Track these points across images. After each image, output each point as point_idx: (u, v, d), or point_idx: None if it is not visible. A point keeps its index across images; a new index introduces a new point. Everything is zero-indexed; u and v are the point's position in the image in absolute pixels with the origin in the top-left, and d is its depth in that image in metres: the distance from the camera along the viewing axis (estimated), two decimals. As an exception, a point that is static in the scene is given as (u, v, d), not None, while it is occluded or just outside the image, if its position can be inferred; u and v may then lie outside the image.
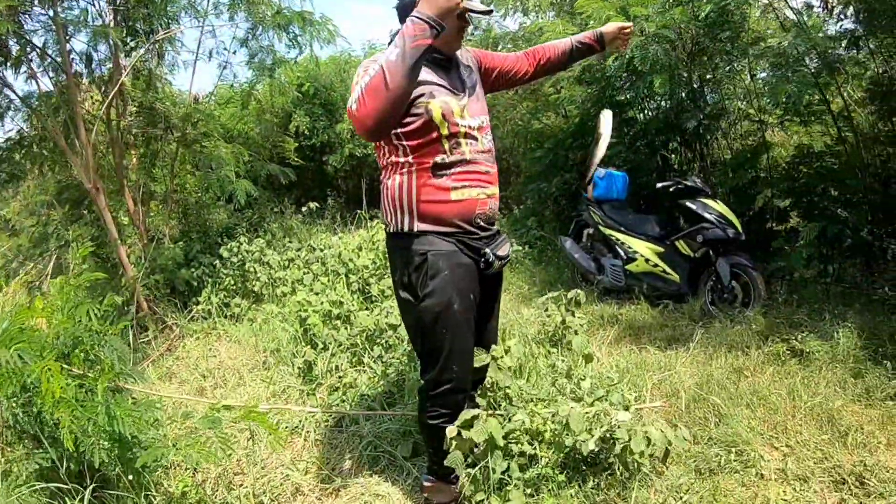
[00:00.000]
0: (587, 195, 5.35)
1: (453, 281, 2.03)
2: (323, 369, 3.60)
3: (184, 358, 4.47)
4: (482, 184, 2.09)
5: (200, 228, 5.99)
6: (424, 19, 1.70)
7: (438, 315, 2.03)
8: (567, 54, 2.38)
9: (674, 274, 4.73)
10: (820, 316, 3.99)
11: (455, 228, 2.06)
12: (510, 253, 2.25)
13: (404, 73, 1.71)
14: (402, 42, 1.71)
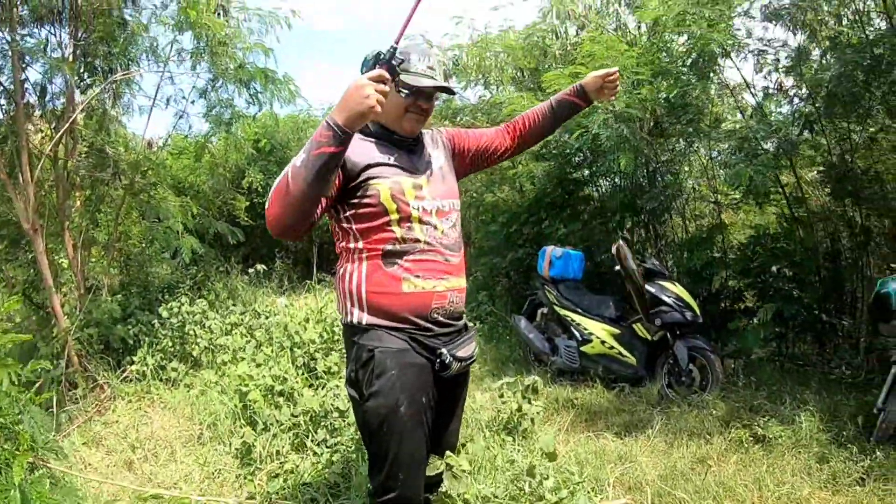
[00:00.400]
0: (542, 273, 5.32)
1: (402, 382, 1.84)
2: (262, 453, 3.34)
3: (113, 423, 4.15)
4: (439, 274, 1.91)
5: (141, 282, 5.67)
6: (332, 125, 1.57)
7: (384, 418, 1.83)
8: (548, 116, 2.24)
9: (630, 357, 4.69)
10: (779, 398, 4.04)
11: (406, 324, 1.88)
12: (475, 353, 2.08)
13: (305, 180, 1.59)
14: (308, 147, 1.60)
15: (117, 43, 4.69)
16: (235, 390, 3.91)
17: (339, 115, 1.57)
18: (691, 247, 5.33)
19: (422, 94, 1.92)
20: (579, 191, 6.38)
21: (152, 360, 4.91)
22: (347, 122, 1.56)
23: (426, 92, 1.92)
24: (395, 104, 1.87)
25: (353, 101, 1.55)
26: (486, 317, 6.99)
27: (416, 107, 1.92)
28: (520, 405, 3.63)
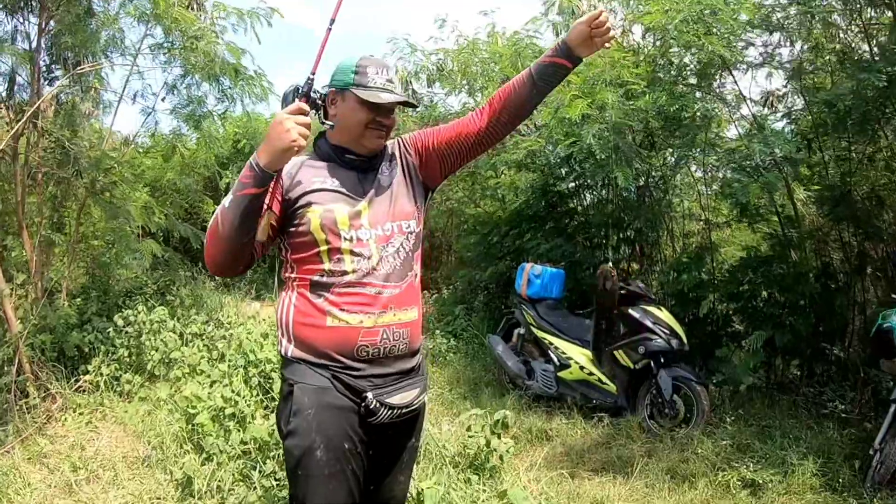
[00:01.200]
0: (520, 292, 5.07)
1: (318, 423, 1.66)
2: (204, 485, 3.08)
3: (61, 437, 3.92)
4: (369, 308, 1.70)
5: (101, 287, 5.38)
6: (254, 164, 1.53)
7: (299, 460, 1.66)
8: (526, 85, 1.79)
9: (610, 384, 4.45)
10: (769, 435, 3.81)
11: (330, 361, 1.69)
12: (417, 401, 1.83)
13: (232, 223, 1.56)
14: (234, 188, 1.57)
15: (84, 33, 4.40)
16: (183, 412, 3.66)
17: (262, 154, 1.53)
18: (680, 268, 5.08)
19: (381, 109, 1.75)
20: (563, 204, 6.15)
21: (107, 370, 4.63)
22: (270, 160, 1.53)
23: (385, 107, 1.76)
24: (354, 122, 1.74)
25: (274, 139, 1.52)
26: (463, 332, 6.76)
27: (377, 122, 1.76)
28: (488, 440, 3.38)
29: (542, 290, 4.99)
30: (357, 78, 1.73)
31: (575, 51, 1.75)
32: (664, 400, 4.15)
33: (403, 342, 1.76)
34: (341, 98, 1.77)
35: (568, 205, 6.17)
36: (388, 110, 1.78)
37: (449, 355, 6.17)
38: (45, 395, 4.34)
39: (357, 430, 1.72)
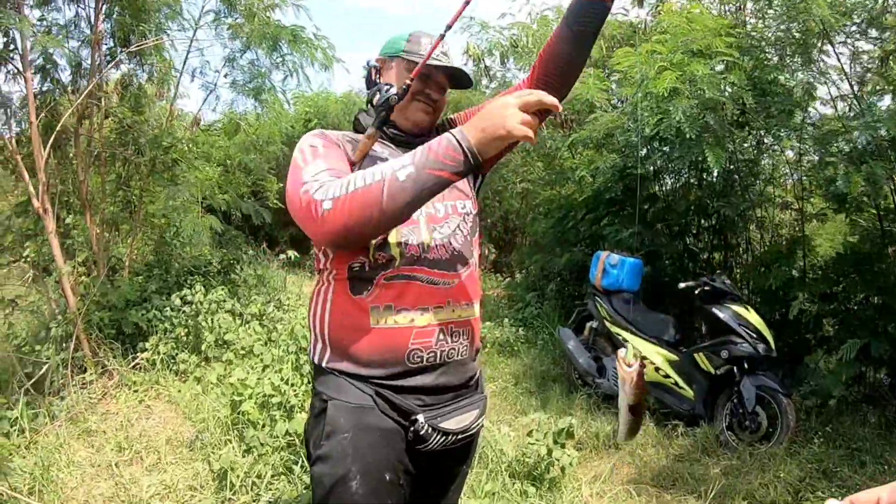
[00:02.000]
0: (594, 282, 4.68)
1: (356, 449, 1.37)
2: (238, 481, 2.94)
3: (112, 414, 3.90)
4: (422, 303, 1.42)
5: (163, 265, 5.36)
6: (463, 146, 1.22)
7: (330, 490, 1.36)
8: (564, 34, 1.46)
9: (688, 389, 4.02)
10: (859, 461, 3.34)
11: (374, 372, 1.40)
12: (476, 425, 1.54)
13: (407, 201, 1.22)
14: (421, 160, 1.23)
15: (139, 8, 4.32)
16: (229, 399, 3.53)
17: (475, 138, 1.22)
18: (768, 262, 4.53)
19: (432, 79, 1.53)
20: (643, 188, 5.65)
21: (164, 348, 4.63)
22: (485, 147, 1.23)
23: (435, 79, 1.54)
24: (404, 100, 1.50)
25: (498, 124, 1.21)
26: (533, 321, 6.42)
27: (425, 95, 1.53)
28: (550, 450, 3.07)
29: (617, 281, 4.55)
30: (409, 46, 1.55)
31: None
32: (746, 411, 3.68)
33: (463, 344, 1.49)
34: (389, 66, 1.57)
35: (649, 189, 5.68)
36: (439, 86, 1.56)
37: (517, 345, 5.87)
38: (102, 372, 4.36)
39: (402, 457, 1.43)
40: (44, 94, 4.40)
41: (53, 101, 4.41)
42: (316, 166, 1.34)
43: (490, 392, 4.78)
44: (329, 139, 1.46)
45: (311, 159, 1.37)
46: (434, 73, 1.53)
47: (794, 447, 3.50)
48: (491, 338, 5.94)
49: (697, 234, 5.48)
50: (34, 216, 4.40)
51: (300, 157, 1.39)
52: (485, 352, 5.78)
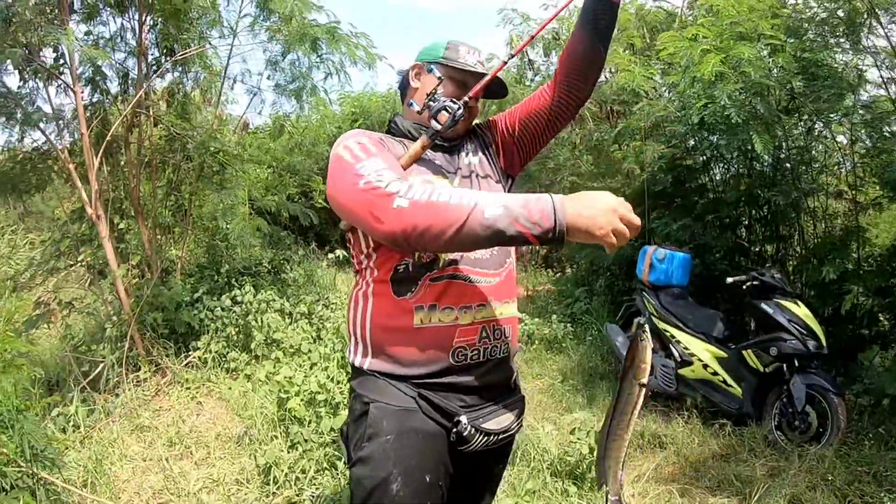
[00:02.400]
0: (641, 277, 4.59)
1: (398, 452, 1.39)
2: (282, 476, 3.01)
3: (165, 410, 4.08)
4: (464, 301, 1.44)
5: (214, 266, 5.52)
6: (558, 218, 1.18)
7: (370, 493, 1.38)
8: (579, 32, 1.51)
9: (736, 387, 3.90)
10: None
11: (418, 373, 1.42)
12: (516, 425, 1.56)
13: (481, 237, 1.21)
14: (514, 208, 1.20)
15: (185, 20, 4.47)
16: (275, 396, 3.64)
17: (573, 224, 1.19)
18: (822, 254, 4.34)
19: (469, 85, 1.57)
20: (692, 179, 5.52)
21: (216, 347, 4.78)
22: (573, 235, 1.20)
23: (473, 85, 1.56)
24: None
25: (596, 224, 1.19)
26: (582, 316, 6.35)
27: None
28: (592, 449, 3.04)
29: (665, 276, 4.47)
30: (447, 53, 1.60)
31: None
32: (795, 410, 3.55)
33: (504, 342, 1.51)
34: (425, 71, 1.61)
35: (698, 180, 5.54)
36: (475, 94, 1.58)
37: (566, 342, 5.83)
38: (155, 370, 4.53)
39: (444, 459, 1.46)
40: (94, 104, 4.58)
41: (103, 112, 4.58)
42: (375, 163, 1.34)
43: (537, 389, 4.76)
44: (374, 139, 1.48)
45: (365, 156, 1.37)
46: (470, 81, 1.56)
47: (844, 448, 3.36)
48: (539, 334, 5.91)
49: (749, 226, 5.31)
50: (89, 222, 4.59)
51: (348, 154, 1.39)
52: (532, 348, 5.76)
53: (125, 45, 4.71)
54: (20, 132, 4.43)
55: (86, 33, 4.56)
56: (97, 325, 4.65)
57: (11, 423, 2.27)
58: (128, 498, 3.00)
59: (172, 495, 3.02)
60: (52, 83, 4.40)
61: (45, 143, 4.57)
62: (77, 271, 5.10)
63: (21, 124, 4.37)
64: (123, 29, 4.67)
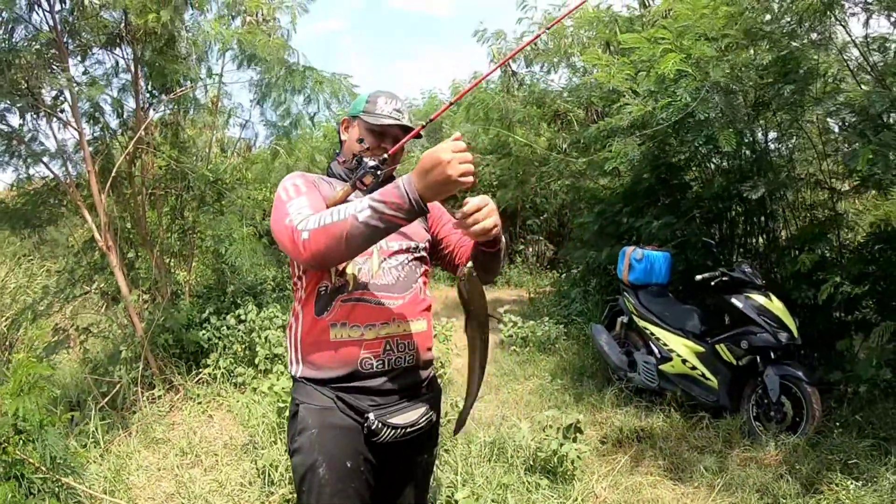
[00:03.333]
0: (621, 277, 4.76)
1: (321, 443, 1.67)
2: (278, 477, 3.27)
3: (178, 424, 4.36)
4: (370, 320, 1.69)
5: (220, 287, 5.81)
6: (410, 196, 1.40)
7: (303, 477, 1.68)
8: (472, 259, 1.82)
9: (713, 380, 4.04)
10: (884, 451, 3.24)
11: (333, 378, 1.69)
12: (423, 419, 1.78)
13: (365, 237, 1.45)
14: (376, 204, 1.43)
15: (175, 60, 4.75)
16: (274, 406, 3.90)
17: (421, 188, 1.40)
18: (800, 244, 4.45)
19: (386, 135, 1.81)
20: (675, 177, 5.65)
21: (224, 363, 5.05)
22: (429, 195, 1.41)
23: (390, 133, 1.81)
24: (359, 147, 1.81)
25: (437, 174, 1.38)
26: (577, 317, 6.51)
27: (381, 149, 1.79)
28: (561, 443, 3.23)
29: (644, 275, 4.64)
30: (367, 106, 1.82)
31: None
32: (770, 401, 3.69)
33: (410, 354, 1.75)
34: (352, 125, 1.86)
35: (680, 178, 5.66)
36: (394, 139, 1.80)
37: (559, 342, 6.01)
38: (168, 387, 4.80)
39: (361, 449, 1.71)
40: (95, 139, 4.87)
41: (106, 146, 4.87)
42: (299, 203, 1.60)
43: (527, 390, 4.95)
44: (308, 180, 1.74)
45: (295, 196, 1.63)
46: (388, 130, 1.80)
47: (818, 438, 3.47)
48: (532, 337, 6.10)
49: (732, 221, 5.41)
50: (100, 251, 4.88)
51: (284, 194, 1.66)
52: (525, 350, 5.95)
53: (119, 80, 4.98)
54: (25, 168, 4.75)
55: (83, 72, 4.83)
56: (113, 348, 4.95)
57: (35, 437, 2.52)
58: (143, 503, 3.27)
59: (183, 499, 3.28)
60: (52, 120, 4.67)
61: (53, 179, 4.87)
62: (92, 298, 5.41)
63: (26, 161, 4.68)
64: (118, 66, 4.95)
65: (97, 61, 4.91)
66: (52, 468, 2.53)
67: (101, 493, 3.17)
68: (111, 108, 4.98)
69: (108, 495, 3.20)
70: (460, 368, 5.20)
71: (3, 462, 2.34)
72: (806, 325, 3.96)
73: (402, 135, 1.80)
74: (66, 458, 2.63)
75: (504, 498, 2.90)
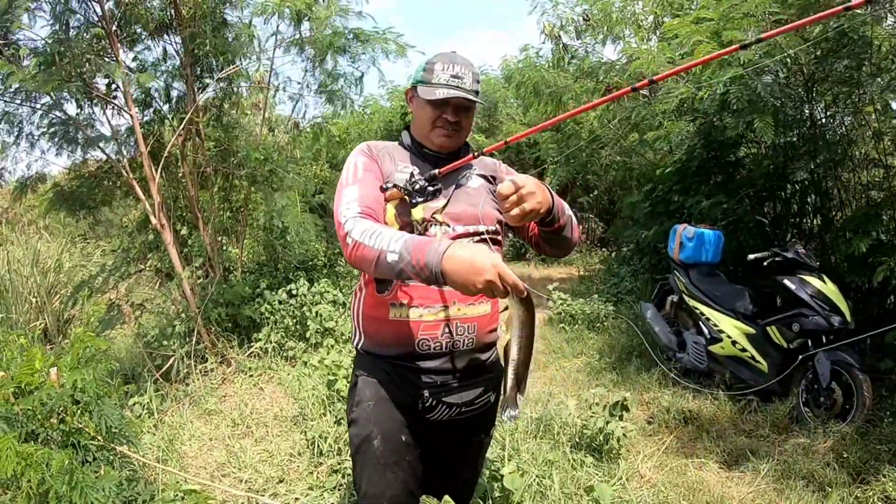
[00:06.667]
0: (672, 256, 4.69)
1: (377, 415, 1.71)
2: (326, 448, 3.37)
3: (230, 396, 4.50)
4: (430, 302, 1.68)
5: (272, 262, 5.95)
6: (434, 272, 1.38)
7: (358, 447, 1.72)
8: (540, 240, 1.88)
9: (763, 363, 3.97)
10: None
11: (392, 354, 1.72)
12: (480, 400, 1.79)
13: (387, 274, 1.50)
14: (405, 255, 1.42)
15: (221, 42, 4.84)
16: (324, 378, 4.00)
17: (449, 272, 1.38)
18: (854, 227, 4.28)
19: (447, 104, 1.71)
20: (726, 154, 5.51)
21: (275, 337, 5.20)
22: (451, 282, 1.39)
23: (451, 102, 1.71)
24: (421, 119, 1.75)
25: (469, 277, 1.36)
26: (626, 296, 6.46)
27: (443, 120, 1.72)
28: (608, 421, 3.24)
29: (695, 253, 4.55)
30: (424, 75, 1.73)
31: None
32: (820, 387, 3.60)
33: (469, 338, 1.73)
34: (415, 96, 1.78)
35: (732, 155, 5.51)
36: (457, 108, 1.72)
37: (608, 320, 5.99)
38: (221, 361, 4.97)
39: (416, 424, 1.74)
40: (148, 123, 5.03)
41: (158, 129, 5.02)
42: (351, 193, 1.63)
43: (575, 367, 4.96)
44: (372, 156, 1.75)
45: (351, 182, 1.67)
46: (448, 99, 1.70)
47: (868, 427, 3.37)
48: (581, 314, 6.08)
49: (787, 200, 5.26)
50: (154, 231, 5.05)
51: (345, 173, 1.71)
52: (574, 328, 5.95)
53: (171, 66, 5.12)
54: (82, 153, 4.93)
55: (133, 59, 5.01)
56: (167, 323, 5.12)
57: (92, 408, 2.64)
58: (195, 471, 3.40)
59: (234, 467, 3.41)
60: (107, 107, 4.85)
61: (107, 162, 5.05)
62: (146, 275, 5.62)
63: (83, 147, 4.86)
64: (167, 53, 5.09)
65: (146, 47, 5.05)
66: (107, 437, 2.63)
67: (155, 461, 3.29)
68: (161, 93, 5.12)
69: (161, 464, 3.33)
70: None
71: (62, 431, 2.44)
72: (859, 311, 3.83)
73: (464, 102, 1.71)
74: (122, 427, 2.73)
75: (549, 474, 2.93)
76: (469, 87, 1.71)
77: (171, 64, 5.09)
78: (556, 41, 7.45)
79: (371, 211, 1.61)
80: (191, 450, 3.62)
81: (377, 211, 1.63)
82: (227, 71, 4.99)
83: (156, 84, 4.93)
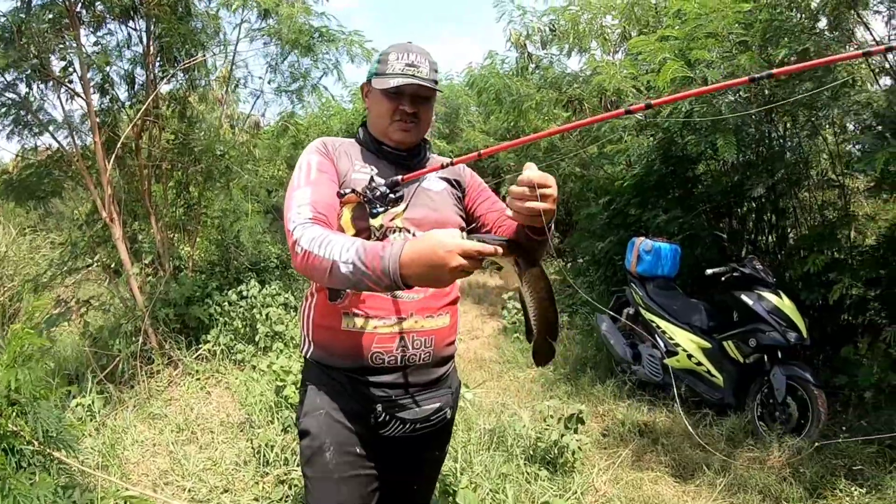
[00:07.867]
0: (629, 268, 4.69)
1: (328, 426, 1.60)
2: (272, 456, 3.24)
3: (176, 399, 4.33)
4: (386, 313, 1.58)
5: (224, 262, 5.77)
6: (392, 277, 1.27)
7: (309, 459, 1.60)
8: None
9: (719, 377, 3.99)
10: (889, 459, 3.18)
11: (344, 365, 1.60)
12: (436, 416, 1.69)
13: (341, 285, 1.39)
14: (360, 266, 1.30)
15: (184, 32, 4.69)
16: (272, 385, 3.88)
17: (409, 273, 1.26)
18: (808, 245, 4.36)
19: (403, 94, 1.60)
20: (685, 170, 5.55)
21: (224, 340, 5.01)
22: (414, 282, 1.28)
23: (407, 93, 1.60)
24: (377, 113, 1.66)
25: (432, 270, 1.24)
26: (581, 307, 6.47)
27: (400, 112, 1.62)
28: (561, 434, 3.19)
29: (652, 266, 4.56)
30: (379, 67, 1.64)
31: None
32: (776, 401, 3.63)
33: (426, 352, 1.63)
34: (370, 90, 1.68)
35: (691, 171, 5.54)
36: (413, 98, 1.62)
37: (563, 332, 5.97)
38: (167, 362, 4.78)
39: (369, 437, 1.63)
40: (104, 110, 4.82)
41: (113, 118, 4.82)
42: (302, 196, 1.50)
43: (529, 378, 4.91)
44: (328, 154, 1.63)
45: (303, 183, 1.54)
46: (402, 90, 1.59)
47: (821, 441, 3.39)
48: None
49: (743, 217, 5.34)
50: (103, 224, 4.84)
51: (297, 175, 1.57)
52: (529, 340, 5.91)
53: (131, 52, 4.94)
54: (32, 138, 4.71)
55: (94, 43, 4.79)
56: (114, 322, 4.92)
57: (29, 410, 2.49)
58: (137, 478, 3.23)
59: (177, 475, 3.26)
60: (60, 90, 4.61)
61: (58, 150, 4.82)
62: (94, 270, 5.38)
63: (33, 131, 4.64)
64: (130, 38, 4.90)
65: (108, 32, 4.85)
66: (44, 441, 2.49)
67: (94, 468, 3.13)
68: (121, 79, 4.94)
69: (101, 470, 3.16)
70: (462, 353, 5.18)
71: (-5, 434, 2.30)
72: (813, 327, 3.88)
73: (421, 91, 1.61)
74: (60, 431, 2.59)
75: (503, 488, 2.86)
76: (426, 75, 1.61)
77: (135, 52, 4.91)
78: (522, 49, 7.47)
79: (323, 217, 1.48)
80: (133, 455, 3.45)
81: (330, 216, 1.51)
82: (192, 61, 4.83)
83: (116, 69, 4.73)
